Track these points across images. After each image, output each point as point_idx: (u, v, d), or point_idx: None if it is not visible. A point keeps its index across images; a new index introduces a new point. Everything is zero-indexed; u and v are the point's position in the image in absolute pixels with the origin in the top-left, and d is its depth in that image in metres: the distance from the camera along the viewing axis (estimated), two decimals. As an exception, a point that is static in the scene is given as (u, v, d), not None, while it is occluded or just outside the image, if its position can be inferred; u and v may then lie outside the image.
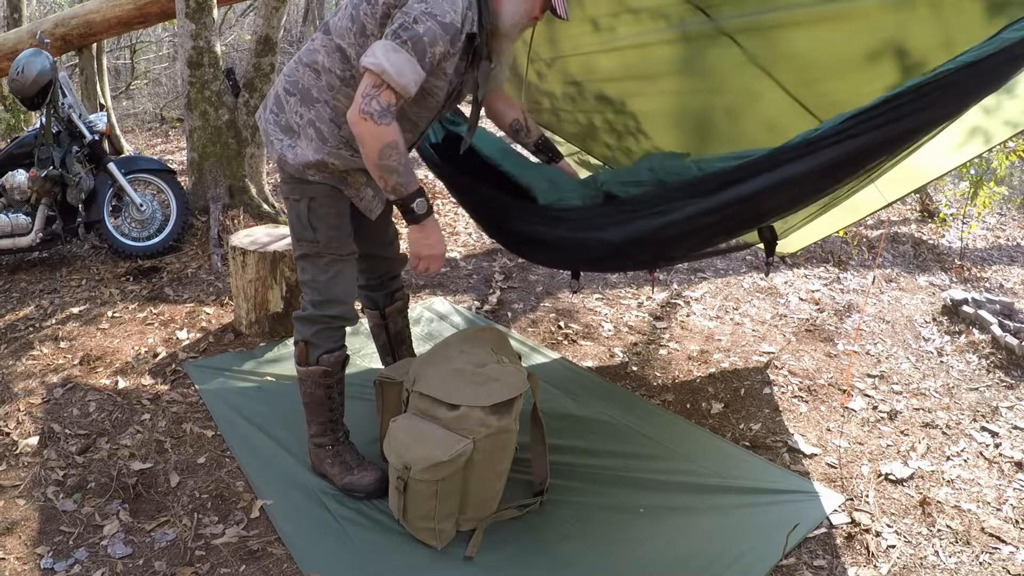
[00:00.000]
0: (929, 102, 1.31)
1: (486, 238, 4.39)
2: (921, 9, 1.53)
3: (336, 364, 1.97)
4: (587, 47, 2.29)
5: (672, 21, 1.96)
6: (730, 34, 1.87)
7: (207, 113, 4.26)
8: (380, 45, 1.58)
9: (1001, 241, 4.98)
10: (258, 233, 3.03)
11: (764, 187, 1.55)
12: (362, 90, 1.59)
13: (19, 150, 3.55)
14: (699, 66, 2.06)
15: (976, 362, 3.00)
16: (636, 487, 2.08)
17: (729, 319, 3.38)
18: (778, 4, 1.72)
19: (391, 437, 1.77)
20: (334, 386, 1.98)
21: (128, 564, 1.74)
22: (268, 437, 2.24)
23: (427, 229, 1.77)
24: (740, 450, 2.30)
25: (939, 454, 2.34)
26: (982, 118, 1.91)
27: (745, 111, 2.14)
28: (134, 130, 7.74)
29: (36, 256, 3.83)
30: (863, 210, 2.50)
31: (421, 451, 1.69)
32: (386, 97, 1.59)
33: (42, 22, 5.07)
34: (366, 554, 1.79)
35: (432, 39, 1.59)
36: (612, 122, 2.57)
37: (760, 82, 1.96)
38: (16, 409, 2.38)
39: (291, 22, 12.25)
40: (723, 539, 1.88)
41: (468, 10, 1.64)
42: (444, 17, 1.59)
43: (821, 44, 1.75)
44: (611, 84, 2.40)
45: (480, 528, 1.84)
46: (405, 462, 1.71)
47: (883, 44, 1.65)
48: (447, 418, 1.73)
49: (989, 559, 1.88)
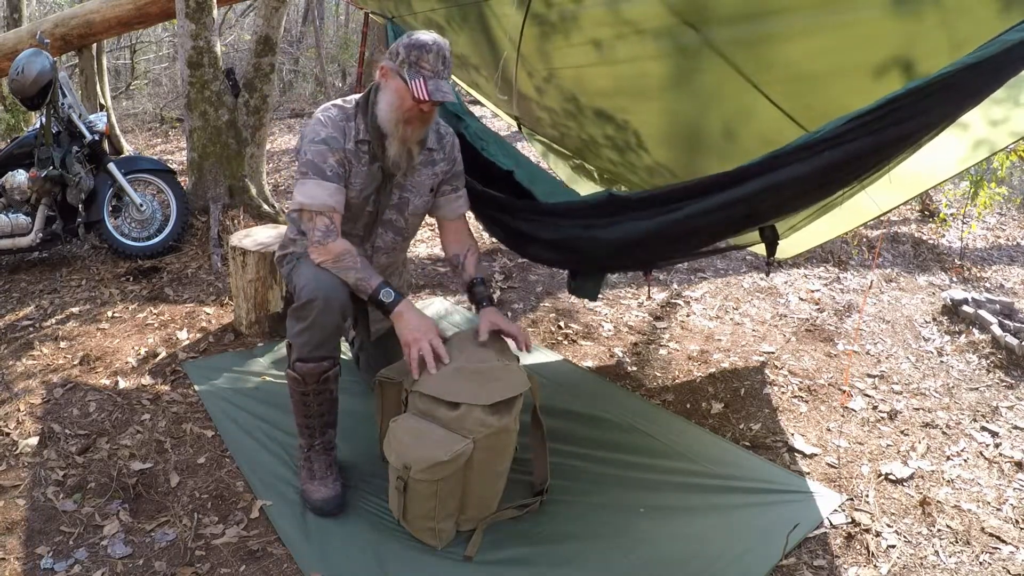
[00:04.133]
0: (929, 104, 1.30)
1: (486, 238, 4.39)
2: (929, 20, 1.50)
3: (310, 376, 1.87)
4: (579, 61, 2.26)
5: (662, 37, 1.92)
6: (719, 49, 1.83)
7: (207, 113, 4.26)
8: (294, 190, 1.88)
9: (1001, 241, 4.98)
10: (258, 233, 3.03)
11: (764, 187, 1.54)
12: (303, 228, 1.90)
13: (19, 150, 3.55)
14: (691, 82, 2.02)
15: (976, 362, 3.00)
16: (636, 487, 2.08)
17: (729, 319, 3.38)
18: (768, 19, 1.67)
19: (391, 437, 1.77)
20: (310, 395, 1.91)
21: (128, 564, 1.74)
22: (268, 437, 2.24)
23: (403, 317, 1.85)
24: (740, 450, 2.30)
25: (939, 454, 2.34)
26: (989, 130, 1.87)
27: (740, 127, 2.10)
28: (134, 130, 7.74)
29: (36, 256, 3.83)
30: (866, 214, 2.48)
31: (421, 451, 1.69)
32: (319, 222, 1.84)
33: (42, 22, 5.08)
34: (366, 554, 1.79)
35: (321, 156, 1.83)
36: (613, 138, 2.55)
37: (751, 98, 1.92)
38: (16, 409, 2.38)
39: (291, 22, 12.26)
40: (723, 539, 1.88)
41: (345, 122, 1.88)
42: (318, 136, 1.84)
43: (814, 58, 1.72)
44: (606, 99, 2.37)
45: (480, 528, 1.84)
46: (405, 462, 1.70)
47: (886, 59, 1.60)
48: (447, 418, 1.73)
49: (989, 559, 1.88)
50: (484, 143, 2.29)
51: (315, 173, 1.84)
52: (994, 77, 1.27)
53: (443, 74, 1.77)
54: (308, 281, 1.85)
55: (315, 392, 1.91)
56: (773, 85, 1.85)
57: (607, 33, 2.01)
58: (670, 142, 2.40)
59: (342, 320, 1.88)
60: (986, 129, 1.86)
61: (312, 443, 1.98)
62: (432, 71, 1.75)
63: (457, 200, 2.12)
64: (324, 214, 1.84)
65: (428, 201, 2.08)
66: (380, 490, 2.01)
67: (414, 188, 2.02)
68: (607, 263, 2.33)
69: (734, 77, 1.87)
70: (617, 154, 2.66)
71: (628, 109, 2.33)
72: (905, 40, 1.52)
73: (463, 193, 2.13)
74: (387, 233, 2.07)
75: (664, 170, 2.54)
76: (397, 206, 2.03)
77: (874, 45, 1.58)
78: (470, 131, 2.31)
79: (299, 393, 1.92)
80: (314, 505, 1.92)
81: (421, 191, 2.04)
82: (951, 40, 1.45)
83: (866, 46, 1.59)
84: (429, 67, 1.75)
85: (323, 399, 1.93)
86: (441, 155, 2.04)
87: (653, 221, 1.77)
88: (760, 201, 1.59)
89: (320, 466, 1.97)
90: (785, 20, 1.64)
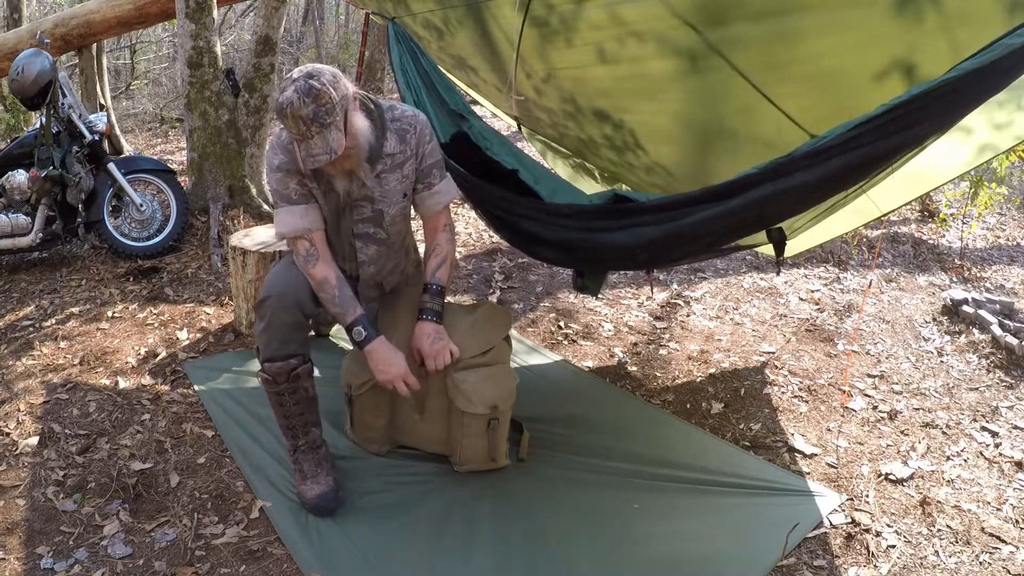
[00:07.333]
0: (935, 109, 1.30)
1: (486, 238, 4.39)
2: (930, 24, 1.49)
3: (280, 375, 1.87)
4: (579, 62, 2.25)
5: (662, 38, 1.92)
6: (720, 50, 1.83)
7: (207, 113, 4.26)
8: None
9: (1001, 241, 4.98)
10: (258, 233, 3.03)
11: (773, 193, 1.54)
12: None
13: (19, 150, 3.54)
14: (690, 82, 2.01)
15: (976, 362, 3.00)
16: (636, 487, 2.08)
17: (729, 319, 3.38)
18: (768, 21, 1.66)
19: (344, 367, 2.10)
20: (284, 394, 1.91)
21: (128, 564, 1.74)
22: (268, 437, 2.24)
23: (372, 355, 1.90)
24: (740, 450, 2.30)
25: (939, 454, 2.34)
26: (993, 134, 1.86)
27: (739, 127, 2.10)
28: (134, 130, 7.74)
29: (36, 256, 3.83)
30: (868, 214, 2.48)
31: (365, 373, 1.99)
32: (300, 247, 1.88)
33: (42, 22, 5.07)
34: (366, 554, 1.79)
35: (281, 183, 1.85)
36: (611, 137, 2.54)
37: (750, 99, 1.91)
38: (16, 409, 2.38)
39: (291, 22, 12.25)
40: (723, 539, 1.88)
41: (293, 143, 1.78)
42: (272, 164, 1.86)
43: (814, 61, 1.71)
44: (605, 99, 2.36)
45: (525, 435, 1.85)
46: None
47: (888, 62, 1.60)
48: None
49: (989, 559, 1.88)
50: (488, 143, 2.29)
51: (282, 200, 1.87)
52: (999, 80, 1.27)
53: (311, 131, 1.63)
54: (267, 280, 1.90)
55: (289, 391, 1.91)
56: (772, 87, 1.85)
57: (607, 35, 2.00)
58: (668, 142, 2.40)
59: (301, 317, 1.87)
60: (990, 133, 1.86)
61: (297, 444, 1.99)
62: (300, 135, 1.64)
63: (432, 198, 2.02)
64: (302, 237, 1.87)
65: (405, 206, 2.02)
66: (379, 488, 2.01)
67: (385, 198, 1.94)
68: (613, 264, 2.33)
69: (733, 78, 1.87)
70: (616, 154, 2.66)
71: (626, 109, 2.33)
72: (906, 44, 1.52)
73: (439, 189, 2.02)
74: (368, 247, 2.01)
75: (662, 169, 2.54)
76: (372, 219, 1.97)
77: (875, 48, 1.57)
78: (474, 130, 2.31)
79: (274, 394, 1.92)
80: (310, 504, 1.92)
81: (394, 199, 1.96)
82: (952, 44, 1.45)
83: (867, 49, 1.58)
84: (295, 132, 1.65)
85: (299, 397, 1.94)
86: (406, 154, 1.93)
87: (660, 227, 1.77)
88: (769, 206, 1.59)
89: (309, 465, 1.97)
90: (786, 22, 1.63)
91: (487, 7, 2.31)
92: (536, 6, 2.10)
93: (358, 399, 2.08)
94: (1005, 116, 1.79)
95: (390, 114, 1.92)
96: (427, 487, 2.04)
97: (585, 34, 2.06)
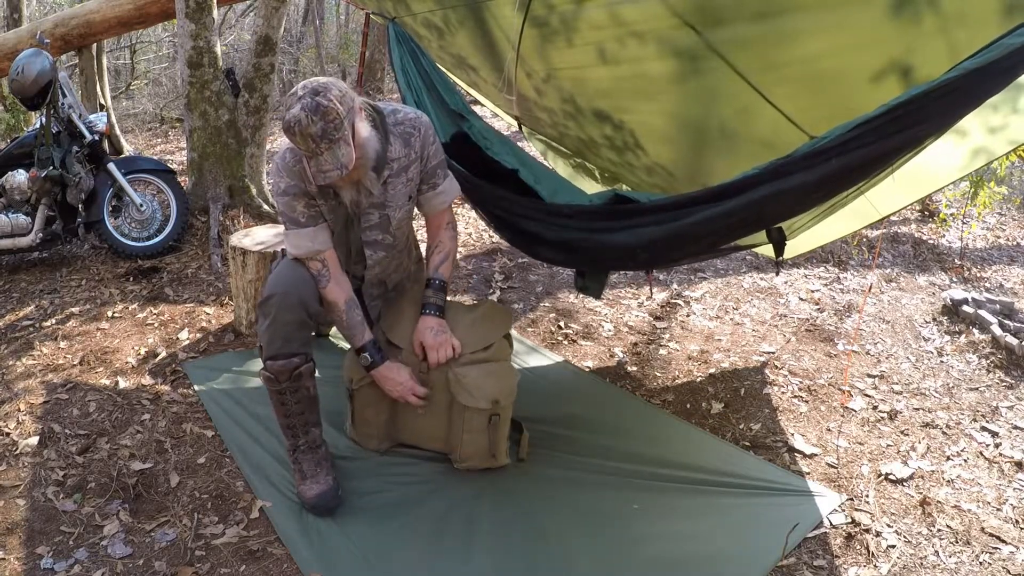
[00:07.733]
0: (934, 109, 1.30)
1: (486, 238, 4.39)
2: (927, 25, 1.49)
3: (282, 374, 1.88)
4: (579, 63, 2.26)
5: (662, 38, 1.91)
6: (719, 50, 1.82)
7: (207, 113, 4.26)
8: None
9: (1001, 241, 4.98)
10: (258, 233, 3.03)
11: (773, 193, 1.54)
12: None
13: (19, 150, 3.54)
14: (690, 83, 2.01)
15: (976, 362, 3.00)
16: (636, 487, 2.08)
17: (729, 319, 3.38)
18: (767, 21, 1.66)
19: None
20: (285, 393, 1.92)
21: (128, 564, 1.74)
22: (268, 437, 2.24)
23: (381, 378, 1.98)
24: (740, 450, 2.30)
25: (939, 454, 2.34)
26: (987, 137, 1.85)
27: (738, 128, 2.10)
28: (134, 130, 7.74)
29: (36, 256, 3.83)
30: (867, 216, 2.48)
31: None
32: (312, 267, 1.91)
33: (42, 22, 5.08)
34: (366, 554, 1.79)
35: (288, 206, 1.88)
36: (612, 138, 2.54)
37: (750, 99, 1.91)
38: (16, 409, 2.38)
39: (291, 22, 12.25)
40: (723, 539, 1.88)
41: (301, 164, 1.84)
42: (279, 188, 1.88)
43: (813, 62, 1.70)
44: (605, 100, 2.37)
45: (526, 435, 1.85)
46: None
47: (885, 63, 1.59)
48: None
49: (989, 559, 1.88)
50: (488, 142, 2.29)
51: (291, 223, 1.89)
52: (998, 81, 1.27)
53: (320, 148, 1.64)
54: (271, 278, 1.90)
55: (290, 390, 1.92)
56: (771, 87, 1.85)
57: (607, 35, 2.00)
58: (667, 142, 2.40)
59: (305, 315, 1.87)
60: (984, 136, 1.85)
61: (297, 443, 1.99)
62: (309, 151, 1.66)
63: (436, 198, 2.06)
64: (313, 259, 1.90)
65: (410, 208, 2.05)
66: (378, 488, 2.01)
67: (392, 203, 1.98)
68: (613, 264, 2.33)
69: (733, 78, 1.87)
70: (616, 154, 2.66)
71: (626, 109, 2.33)
72: (903, 45, 1.52)
73: (443, 189, 2.06)
74: (376, 252, 2.06)
75: (662, 170, 2.54)
76: (380, 225, 2.01)
77: (872, 50, 1.57)
78: (474, 130, 2.31)
79: (276, 392, 1.93)
80: (309, 504, 1.92)
81: (400, 203, 2.00)
82: (949, 46, 1.45)
83: (864, 51, 1.58)
84: (304, 149, 1.66)
85: (300, 396, 1.94)
86: (411, 157, 1.96)
87: (661, 227, 1.78)
88: (769, 206, 1.59)
89: (309, 465, 1.97)
90: (785, 23, 1.63)
91: (487, 7, 2.31)
92: (536, 6, 2.10)
93: (359, 393, 2.09)
94: (1000, 119, 1.78)
95: (392, 118, 1.93)
96: (427, 487, 2.04)
97: (585, 34, 2.06)
